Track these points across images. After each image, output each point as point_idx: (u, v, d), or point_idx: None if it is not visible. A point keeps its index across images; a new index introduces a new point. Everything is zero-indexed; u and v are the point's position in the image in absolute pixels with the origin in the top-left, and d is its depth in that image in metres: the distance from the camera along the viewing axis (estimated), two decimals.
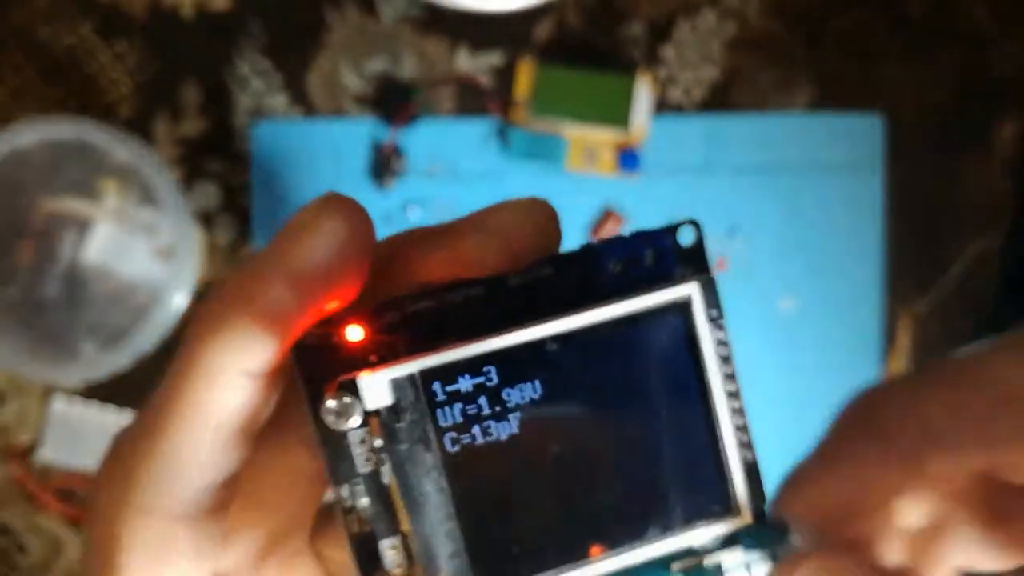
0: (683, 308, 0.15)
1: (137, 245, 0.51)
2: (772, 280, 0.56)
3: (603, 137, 0.54)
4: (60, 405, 0.54)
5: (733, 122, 0.55)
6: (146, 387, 0.52)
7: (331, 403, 0.14)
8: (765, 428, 0.58)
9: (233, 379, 0.15)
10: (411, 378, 0.15)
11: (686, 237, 0.16)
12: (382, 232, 0.16)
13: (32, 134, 0.49)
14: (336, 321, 0.15)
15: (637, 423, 0.15)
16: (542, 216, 0.17)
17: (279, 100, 0.54)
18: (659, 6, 0.55)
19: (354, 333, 0.15)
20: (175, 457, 0.15)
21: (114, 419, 0.54)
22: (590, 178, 0.54)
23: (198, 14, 0.54)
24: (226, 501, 0.16)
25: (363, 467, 0.15)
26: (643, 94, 0.53)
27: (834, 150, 0.56)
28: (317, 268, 0.14)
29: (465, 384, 0.15)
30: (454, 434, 0.15)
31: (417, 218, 0.54)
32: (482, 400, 0.15)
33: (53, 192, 0.51)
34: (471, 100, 0.55)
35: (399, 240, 0.16)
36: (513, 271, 0.16)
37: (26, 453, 0.54)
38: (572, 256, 0.16)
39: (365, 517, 0.15)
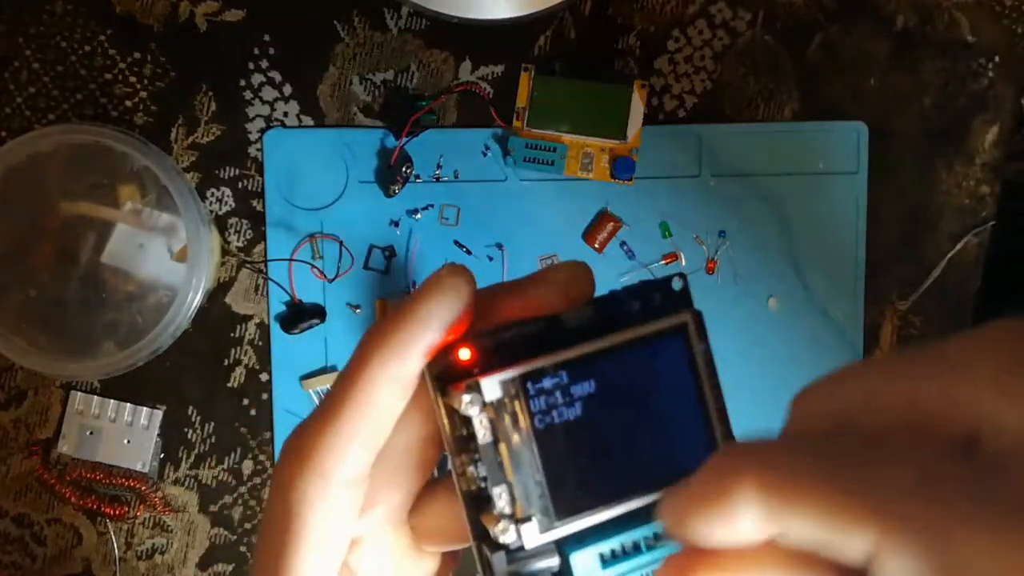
0: (682, 329, 0.23)
1: (154, 247, 0.51)
2: (760, 281, 0.57)
3: (599, 145, 0.55)
4: (78, 401, 0.55)
5: (723, 131, 0.57)
6: (162, 384, 0.55)
7: (465, 396, 0.21)
8: (756, 421, 0.59)
9: (389, 383, 0.22)
10: (513, 379, 0.21)
11: (676, 284, 0.23)
12: (384, 233, 0.19)
13: (52, 139, 0.49)
14: (453, 347, 0.22)
15: (657, 407, 0.22)
16: (584, 273, 0.24)
17: (290, 109, 0.56)
18: (653, 20, 0.56)
19: (464, 354, 0.22)
20: (348, 433, 0.22)
21: (130, 415, 0.56)
22: (587, 184, 0.56)
23: (212, 25, 0.55)
24: (368, 475, 0.22)
25: (484, 439, 0.21)
26: (638, 104, 0.55)
27: (820, 157, 0.57)
28: (449, 320, 0.22)
29: (547, 383, 0.22)
30: (541, 416, 0.21)
31: (423, 223, 0.56)
32: (558, 393, 0.22)
33: (72, 196, 0.51)
34: (474, 110, 0.56)
35: (491, 290, 0.24)
36: (566, 311, 0.23)
37: (45, 447, 0.56)
38: (604, 299, 0.23)
39: (473, 478, 0.22)
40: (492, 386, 0.21)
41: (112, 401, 0.55)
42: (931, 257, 0.58)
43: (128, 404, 0.56)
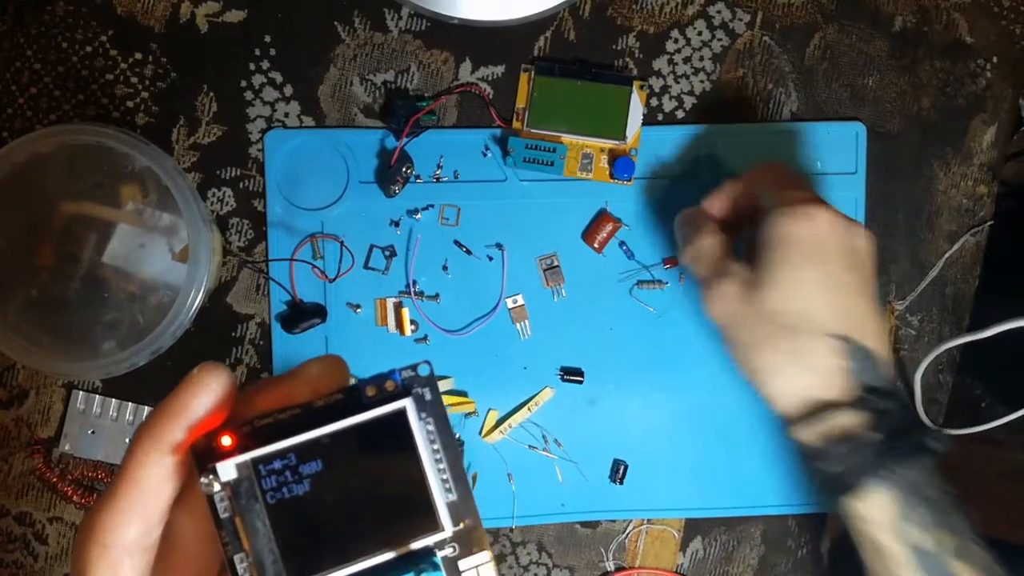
0: (401, 413, 0.26)
1: (155, 247, 0.51)
2: None
3: (599, 145, 0.55)
4: (80, 401, 0.56)
5: (722, 131, 0.57)
6: (163, 383, 0.56)
7: (203, 479, 0.25)
8: (757, 416, 0.60)
9: (152, 466, 0.25)
10: (246, 463, 0.25)
11: (403, 374, 0.27)
12: (385, 233, 0.18)
13: (53, 140, 0.49)
14: (215, 434, 0.25)
15: (383, 478, 0.26)
16: (334, 368, 0.28)
17: (291, 109, 0.56)
18: (653, 21, 0.57)
19: (225, 441, 0.25)
20: (120, 508, 0.25)
21: (132, 414, 0.56)
22: (586, 184, 0.56)
23: (213, 26, 0.55)
24: (155, 546, 0.26)
25: (223, 513, 0.25)
26: (637, 104, 0.55)
27: (818, 157, 0.57)
28: (199, 413, 0.26)
29: (277, 464, 0.25)
30: (272, 493, 0.25)
31: (423, 223, 0.56)
32: (287, 473, 0.25)
33: (74, 196, 0.51)
34: (474, 110, 0.56)
35: (258, 384, 0.28)
36: (318, 399, 0.26)
37: (47, 446, 0.56)
38: (352, 388, 0.27)
39: (228, 544, 0.25)
40: (227, 469, 0.25)
41: (114, 400, 0.56)
42: (929, 256, 0.59)
43: (130, 403, 0.56)
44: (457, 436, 0.25)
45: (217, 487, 0.25)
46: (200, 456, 0.25)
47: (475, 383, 0.57)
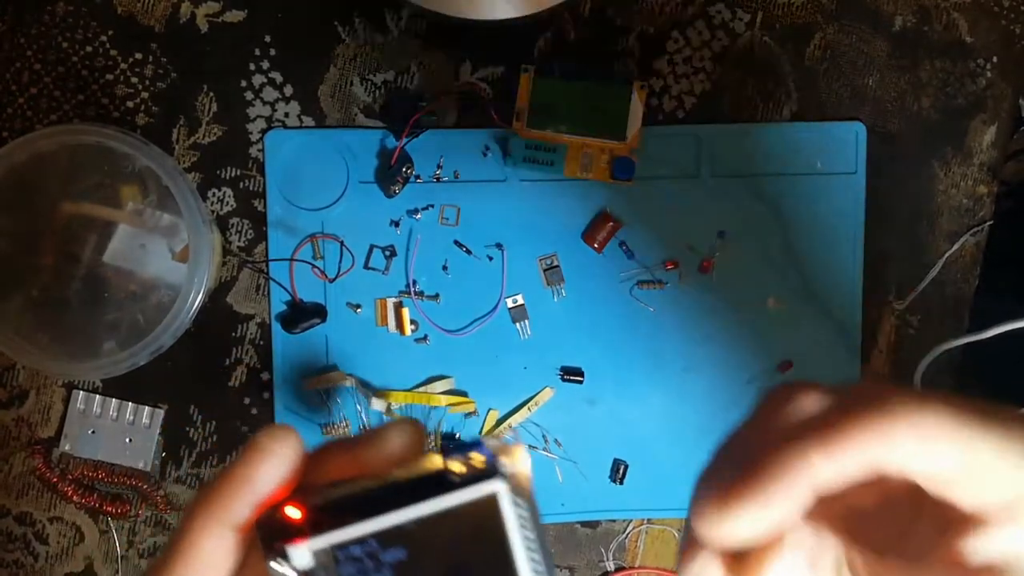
0: (493, 497, 0.23)
1: (156, 247, 0.52)
2: (758, 281, 0.57)
3: (599, 145, 0.55)
4: (80, 400, 0.56)
5: (722, 131, 0.57)
6: (164, 383, 0.55)
7: (273, 565, 0.23)
8: None
9: (213, 539, 0.23)
10: (324, 550, 0.23)
11: (488, 451, 0.24)
12: (385, 233, 0.18)
13: (53, 140, 0.49)
14: (282, 505, 0.23)
15: (469, 569, 0.23)
16: (414, 434, 0.25)
17: (291, 109, 0.56)
18: (653, 21, 0.57)
19: (293, 513, 0.23)
20: None
21: (132, 414, 0.56)
22: (587, 184, 0.56)
23: (213, 26, 0.55)
24: None
25: None
26: (637, 104, 0.55)
27: (818, 157, 0.57)
28: (269, 484, 0.23)
29: (357, 551, 0.23)
30: None
31: (423, 223, 0.56)
32: (368, 562, 0.23)
33: (75, 196, 0.51)
34: (474, 111, 0.56)
35: (325, 447, 0.25)
36: (397, 470, 0.24)
37: (47, 446, 0.56)
38: (428, 461, 0.24)
39: None
40: (301, 555, 0.23)
41: (114, 400, 0.56)
42: (929, 256, 0.59)
43: (130, 403, 0.56)
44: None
45: (291, 574, 0.23)
46: (267, 533, 0.23)
47: (475, 383, 0.57)
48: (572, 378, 0.57)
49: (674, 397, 0.57)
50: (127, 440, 0.56)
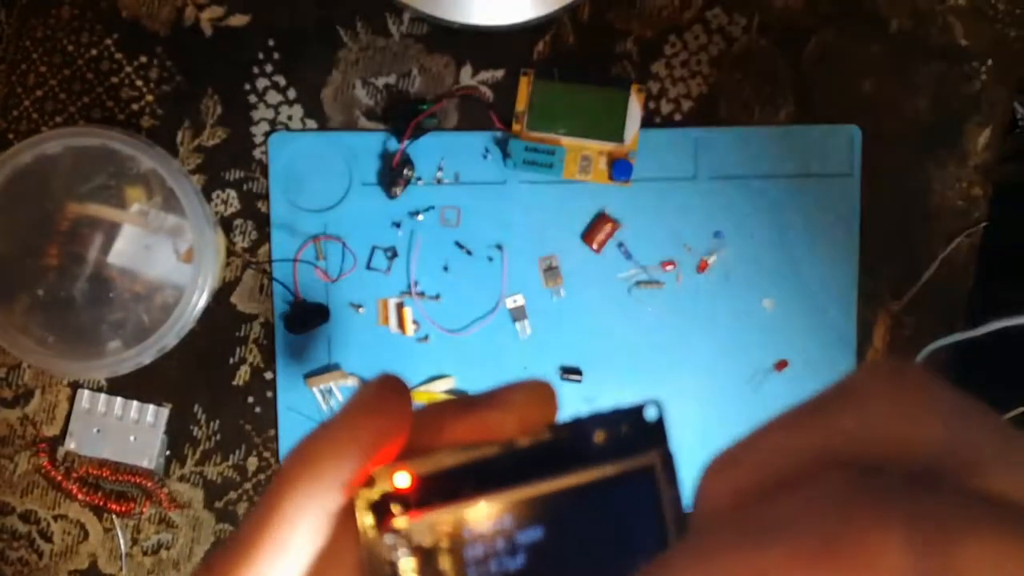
0: (649, 472, 0.19)
1: (161, 248, 0.52)
2: (755, 281, 0.58)
3: (597, 147, 0.56)
4: (85, 399, 0.56)
5: (719, 134, 0.57)
6: (168, 382, 0.55)
7: (388, 539, 0.18)
8: (749, 419, 0.61)
9: (304, 522, 0.19)
10: (447, 522, 0.19)
11: (651, 414, 0.20)
12: (386, 234, 0.18)
13: (59, 142, 0.50)
14: (390, 470, 0.19)
15: (612, 561, 0.19)
16: (545, 396, 0.21)
17: (294, 112, 0.56)
18: (650, 25, 0.57)
19: (402, 480, 0.19)
20: (255, 573, 0.19)
21: (137, 412, 0.56)
22: (585, 186, 0.57)
23: (217, 30, 0.56)
24: None
25: None
26: (635, 107, 0.55)
27: (814, 159, 0.58)
28: (378, 447, 0.19)
29: (487, 528, 0.19)
30: (476, 567, 0.19)
31: (424, 224, 0.56)
32: (499, 541, 0.19)
33: (80, 197, 0.52)
34: (474, 114, 0.57)
35: (438, 407, 0.21)
36: (521, 438, 0.20)
37: (52, 444, 0.57)
38: (566, 425, 0.20)
39: None
40: (421, 530, 0.19)
41: (119, 399, 0.56)
42: (924, 258, 0.59)
43: (135, 402, 0.56)
44: None
45: (404, 551, 0.18)
46: (375, 505, 0.19)
47: (475, 382, 0.57)
48: (571, 377, 0.57)
49: (673, 396, 0.58)
50: (132, 438, 0.56)
